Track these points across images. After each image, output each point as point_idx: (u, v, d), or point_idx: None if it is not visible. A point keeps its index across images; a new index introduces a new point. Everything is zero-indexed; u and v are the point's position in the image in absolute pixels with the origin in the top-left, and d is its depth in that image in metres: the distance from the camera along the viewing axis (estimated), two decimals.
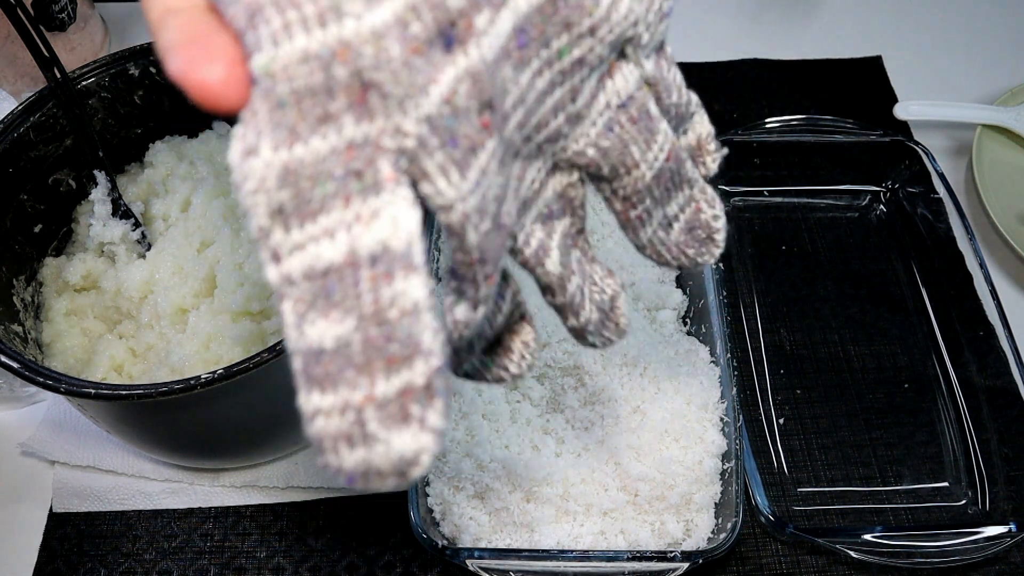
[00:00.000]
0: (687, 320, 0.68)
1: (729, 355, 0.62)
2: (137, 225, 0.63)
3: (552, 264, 0.32)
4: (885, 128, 0.77)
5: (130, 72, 0.64)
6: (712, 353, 0.63)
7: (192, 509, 0.64)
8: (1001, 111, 0.82)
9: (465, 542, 0.57)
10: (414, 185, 0.25)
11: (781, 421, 0.68)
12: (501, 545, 0.57)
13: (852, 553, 0.59)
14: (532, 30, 0.28)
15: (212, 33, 0.24)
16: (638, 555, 0.54)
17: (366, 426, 0.23)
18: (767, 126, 0.77)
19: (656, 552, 0.55)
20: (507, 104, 0.27)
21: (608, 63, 0.31)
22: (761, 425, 0.68)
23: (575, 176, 0.33)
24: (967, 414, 0.67)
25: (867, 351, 0.71)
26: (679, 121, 0.34)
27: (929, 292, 0.74)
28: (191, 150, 0.68)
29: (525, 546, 0.57)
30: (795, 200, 0.80)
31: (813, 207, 0.80)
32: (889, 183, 0.79)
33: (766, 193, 0.80)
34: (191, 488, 0.64)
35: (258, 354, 0.49)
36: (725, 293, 0.65)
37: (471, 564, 0.55)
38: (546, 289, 0.33)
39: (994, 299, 0.67)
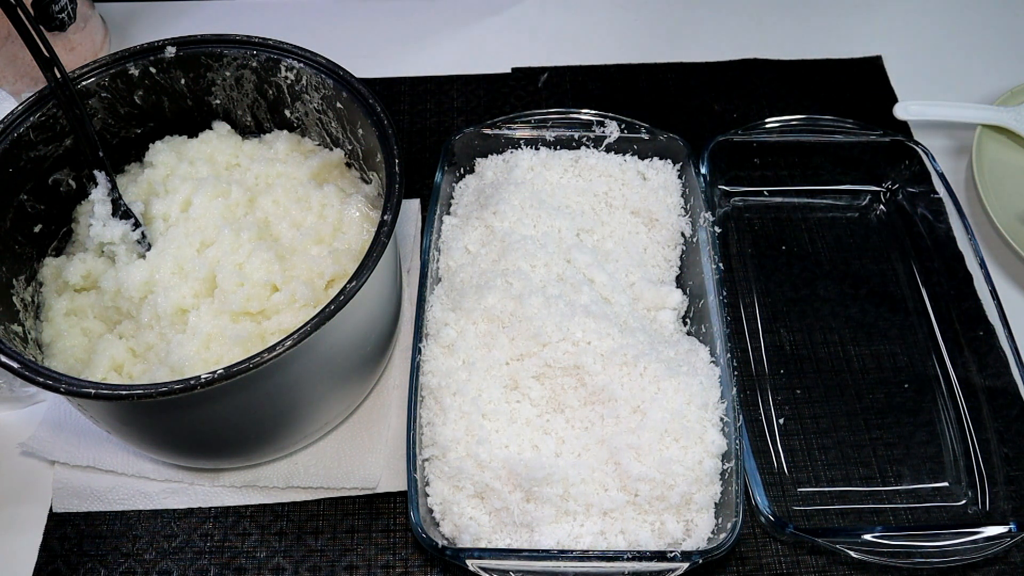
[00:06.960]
0: (687, 320, 0.68)
1: (729, 355, 0.62)
2: (137, 225, 0.63)
3: None
4: (885, 128, 0.77)
5: (130, 72, 0.64)
6: (712, 353, 0.63)
7: (192, 509, 0.64)
8: (1001, 111, 0.82)
9: (465, 542, 0.57)
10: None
11: (781, 421, 0.68)
12: (501, 545, 0.57)
13: (852, 553, 0.59)
14: None
15: None
16: (638, 555, 0.54)
17: None
18: (767, 126, 0.77)
19: (656, 552, 0.55)
20: None
21: None
22: (761, 425, 0.68)
23: None
24: (967, 414, 0.67)
25: (867, 351, 0.71)
26: None
27: (929, 292, 0.74)
28: (191, 150, 0.68)
29: (525, 546, 0.57)
30: (795, 200, 0.80)
31: (813, 207, 0.80)
32: (889, 183, 0.79)
33: (766, 193, 0.80)
34: (191, 488, 0.64)
35: (258, 354, 0.49)
36: (725, 293, 0.65)
37: (471, 564, 0.55)
38: None
39: (994, 299, 0.67)
